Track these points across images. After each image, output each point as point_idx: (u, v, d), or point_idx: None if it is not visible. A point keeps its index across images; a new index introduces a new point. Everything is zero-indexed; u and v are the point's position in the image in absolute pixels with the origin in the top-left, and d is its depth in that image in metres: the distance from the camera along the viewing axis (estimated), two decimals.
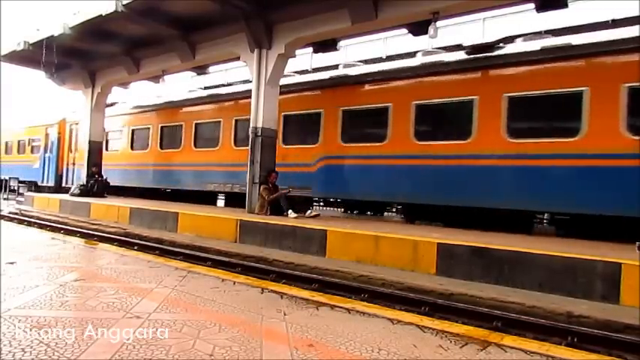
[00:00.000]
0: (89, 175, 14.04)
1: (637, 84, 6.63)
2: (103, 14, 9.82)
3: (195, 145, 13.17)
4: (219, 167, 12.36)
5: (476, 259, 5.44)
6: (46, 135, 18.95)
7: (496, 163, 7.88)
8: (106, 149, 15.84)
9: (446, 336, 2.72)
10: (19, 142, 20.91)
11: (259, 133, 9.40)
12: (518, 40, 8.67)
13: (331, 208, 12.81)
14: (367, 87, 9.77)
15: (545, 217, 9.07)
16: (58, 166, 18.35)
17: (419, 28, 8.41)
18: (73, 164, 17.07)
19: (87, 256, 5.37)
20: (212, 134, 12.64)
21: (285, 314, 3.04)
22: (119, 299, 3.13)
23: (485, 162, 7.99)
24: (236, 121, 11.90)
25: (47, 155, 18.74)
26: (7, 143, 21.62)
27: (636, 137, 6.64)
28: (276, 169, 9.63)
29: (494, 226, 7.64)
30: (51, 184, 18.25)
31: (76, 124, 16.89)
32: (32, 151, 19.70)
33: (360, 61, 12.20)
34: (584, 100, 7.11)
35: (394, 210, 11.30)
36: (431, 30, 7.66)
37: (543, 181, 7.40)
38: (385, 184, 9.19)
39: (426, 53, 10.01)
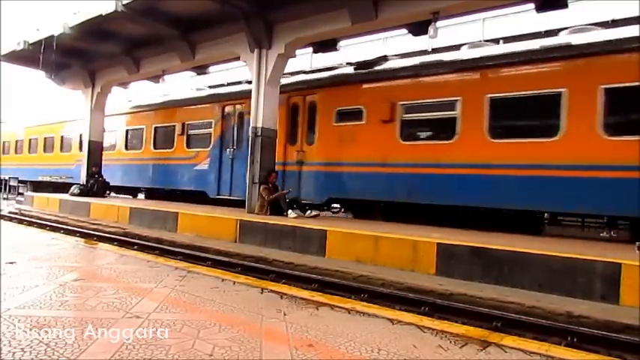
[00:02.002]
0: (89, 175, 14.04)
1: None
2: (103, 14, 9.82)
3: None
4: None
5: (476, 259, 5.44)
6: (222, 118, 12.16)
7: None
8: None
9: (446, 336, 2.72)
10: (155, 129, 14.37)
11: (259, 133, 9.40)
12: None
13: None
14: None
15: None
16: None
17: (419, 28, 8.41)
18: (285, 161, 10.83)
19: (87, 256, 5.37)
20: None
21: (285, 314, 3.04)
22: (119, 299, 3.13)
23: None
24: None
25: (228, 151, 11.84)
26: (129, 134, 15.51)
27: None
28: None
29: None
30: (239, 196, 11.03)
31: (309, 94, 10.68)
32: (189, 145, 13.02)
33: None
34: None
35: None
36: (431, 30, 7.66)
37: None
38: None
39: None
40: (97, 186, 13.73)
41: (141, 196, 16.07)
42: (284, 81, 10.54)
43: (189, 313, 2.94)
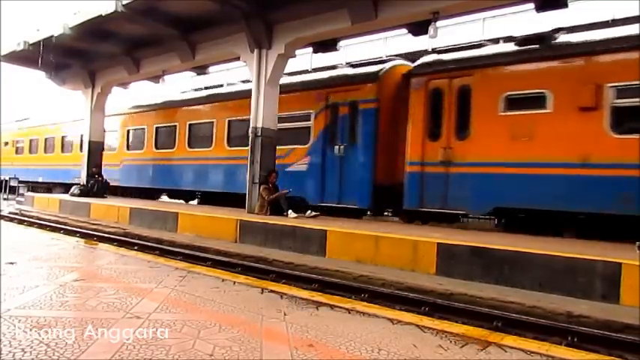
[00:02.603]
0: (89, 175, 14.04)
1: None
2: (103, 14, 9.83)
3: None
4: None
5: (476, 259, 5.44)
6: (326, 108, 10.07)
7: None
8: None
9: (446, 336, 2.72)
10: (229, 124, 12.22)
11: (259, 133, 9.40)
12: None
13: None
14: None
15: None
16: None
17: (419, 28, 8.42)
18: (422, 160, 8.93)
19: (87, 256, 5.37)
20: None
21: (285, 314, 3.04)
22: (119, 299, 3.13)
23: None
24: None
25: (337, 149, 9.81)
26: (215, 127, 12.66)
27: None
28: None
29: None
30: (352, 203, 9.63)
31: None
32: (278, 141, 10.10)
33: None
34: None
35: None
36: (431, 30, 7.67)
37: None
38: None
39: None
40: (97, 186, 13.73)
41: (193, 202, 14.37)
42: (422, 61, 9.12)
43: (190, 313, 2.94)
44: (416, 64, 8.95)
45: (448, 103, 8.54)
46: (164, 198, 15.67)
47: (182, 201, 14.56)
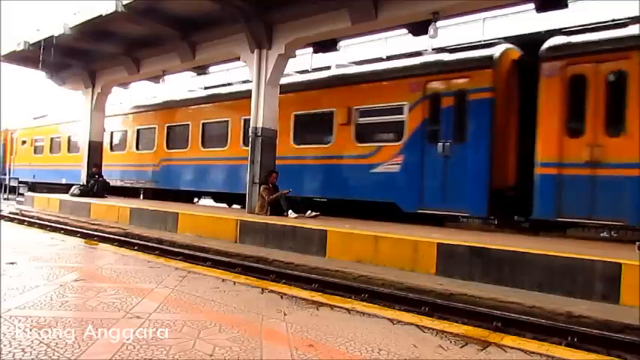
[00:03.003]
0: (89, 175, 14.04)
1: None
2: (103, 14, 9.83)
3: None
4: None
5: (476, 259, 5.45)
6: (424, 99, 8.69)
7: None
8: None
9: (446, 336, 2.72)
10: (296, 118, 10.68)
11: (259, 133, 9.40)
12: None
13: None
14: None
15: None
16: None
17: (419, 28, 8.41)
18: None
19: (87, 256, 5.38)
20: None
21: (285, 314, 3.04)
22: (119, 299, 3.13)
23: None
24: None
25: (440, 147, 8.37)
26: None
27: None
28: None
29: None
30: (462, 210, 8.34)
31: None
32: (361, 138, 9.52)
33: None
34: None
35: None
36: (431, 30, 7.68)
37: None
38: None
39: None
40: (97, 186, 13.73)
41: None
42: (554, 43, 7.66)
43: (190, 313, 2.94)
44: (546, 46, 7.51)
45: (595, 92, 7.08)
46: (202, 201, 14.31)
47: (238, 206, 12.27)
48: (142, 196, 14.78)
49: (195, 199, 14.60)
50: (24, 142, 20.54)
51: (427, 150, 8.56)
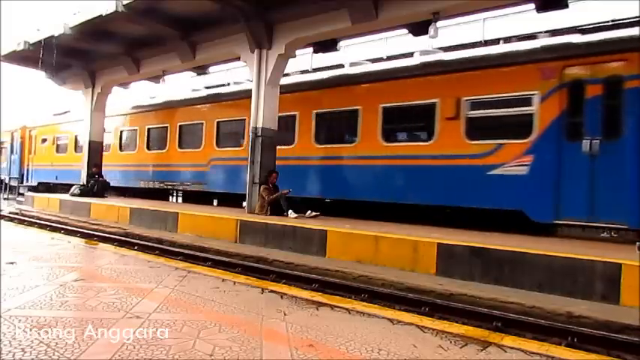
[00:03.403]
0: (89, 175, 14.05)
1: None
2: (103, 14, 9.84)
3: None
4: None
5: (475, 259, 5.44)
6: (561, 88, 7.27)
7: None
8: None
9: (446, 336, 2.72)
10: (384, 111, 9.20)
11: (259, 133, 9.41)
12: None
13: None
14: None
15: None
16: None
17: (419, 28, 8.41)
18: None
19: (87, 256, 5.38)
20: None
21: (285, 314, 3.04)
22: (119, 299, 3.13)
23: None
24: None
25: (584, 145, 6.99)
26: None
27: None
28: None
29: None
30: (617, 221, 6.84)
31: None
32: (473, 135, 8.09)
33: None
34: None
35: None
36: (431, 30, 7.68)
37: None
38: None
39: None
40: (97, 186, 13.74)
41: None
42: None
43: (190, 313, 2.94)
44: None
45: None
46: None
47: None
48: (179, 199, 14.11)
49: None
50: (44, 141, 19.15)
51: (566, 149, 7.14)
